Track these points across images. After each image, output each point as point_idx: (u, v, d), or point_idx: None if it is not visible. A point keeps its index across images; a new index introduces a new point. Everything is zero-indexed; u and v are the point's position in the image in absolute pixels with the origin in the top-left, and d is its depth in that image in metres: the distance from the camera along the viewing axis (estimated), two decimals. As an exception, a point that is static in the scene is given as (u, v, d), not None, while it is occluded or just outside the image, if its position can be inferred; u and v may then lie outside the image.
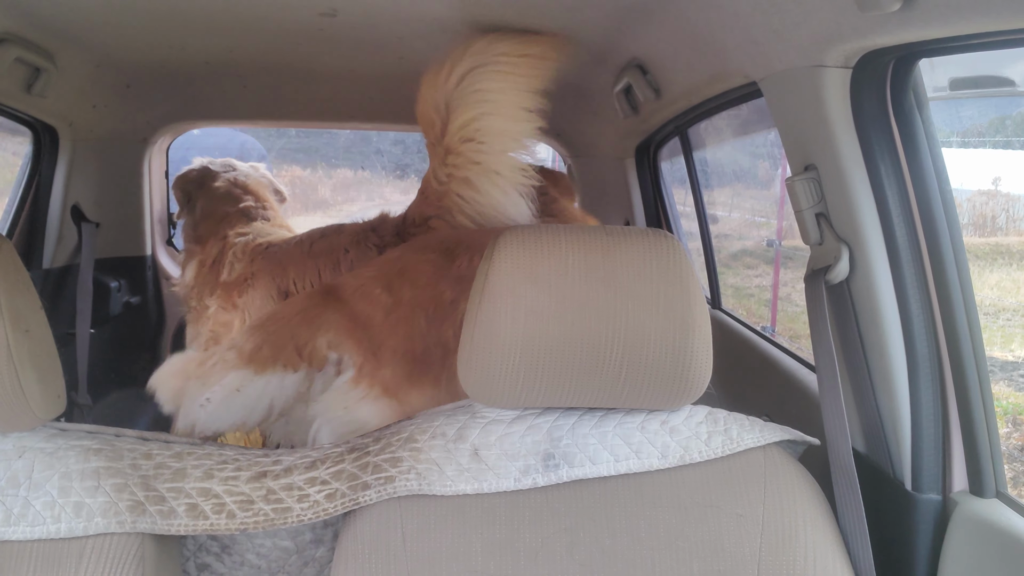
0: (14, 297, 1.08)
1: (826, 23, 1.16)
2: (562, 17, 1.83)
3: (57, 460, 1.13)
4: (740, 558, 1.13)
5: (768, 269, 6.72)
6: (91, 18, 1.92)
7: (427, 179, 2.06)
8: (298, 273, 2.20)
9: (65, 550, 1.08)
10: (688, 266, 1.15)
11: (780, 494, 1.17)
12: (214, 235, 2.50)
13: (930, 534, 1.24)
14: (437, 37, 2.04)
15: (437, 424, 1.22)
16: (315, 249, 2.23)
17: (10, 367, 1.06)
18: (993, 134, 6.05)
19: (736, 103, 1.95)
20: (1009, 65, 1.33)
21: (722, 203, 7.06)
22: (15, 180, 2.51)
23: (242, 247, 2.40)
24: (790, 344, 2.22)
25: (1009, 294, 5.78)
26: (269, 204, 2.66)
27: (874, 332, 1.29)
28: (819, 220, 1.36)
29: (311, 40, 2.11)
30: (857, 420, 1.36)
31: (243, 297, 2.29)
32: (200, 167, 2.75)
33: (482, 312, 1.13)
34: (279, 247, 2.33)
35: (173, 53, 2.27)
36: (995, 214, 6.63)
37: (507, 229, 1.17)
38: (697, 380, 1.16)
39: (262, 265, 2.30)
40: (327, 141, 9.30)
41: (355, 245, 2.18)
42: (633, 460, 1.18)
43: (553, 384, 1.14)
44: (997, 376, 4.73)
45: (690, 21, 1.62)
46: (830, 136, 1.27)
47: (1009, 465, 3.86)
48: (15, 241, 2.44)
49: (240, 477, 1.17)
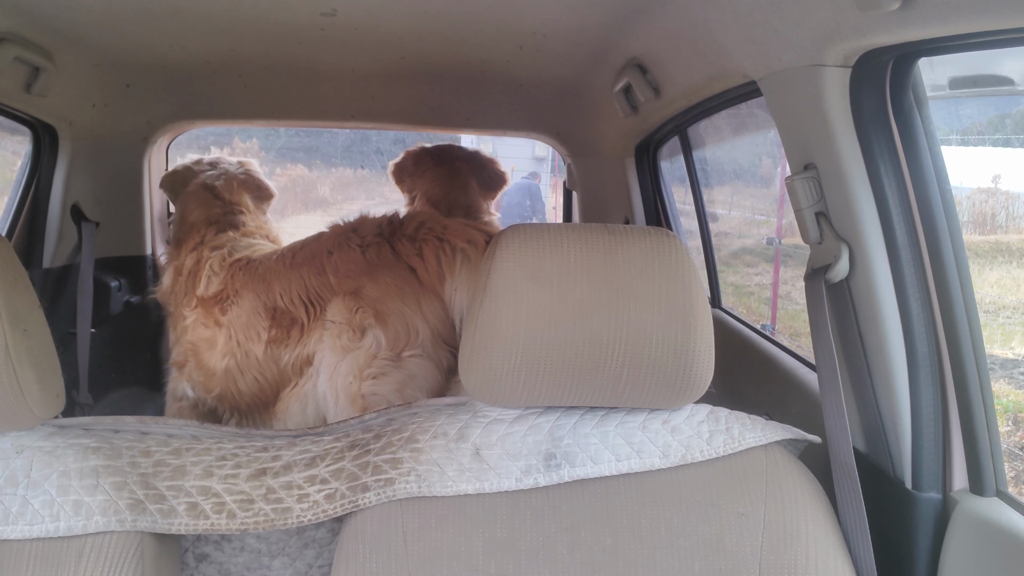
0: (12, 296, 1.08)
1: (825, 22, 1.16)
2: (562, 16, 1.83)
3: (56, 459, 1.13)
4: (742, 557, 1.13)
5: (768, 267, 6.72)
6: (91, 17, 1.92)
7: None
8: (284, 287, 2.20)
9: (64, 549, 1.08)
10: (690, 265, 1.15)
11: (781, 493, 1.17)
12: (187, 241, 2.51)
13: (930, 532, 1.24)
14: (437, 36, 2.04)
15: (439, 424, 1.22)
16: (298, 259, 2.23)
17: (8, 366, 1.06)
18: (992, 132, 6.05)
19: (736, 102, 1.95)
20: (1008, 64, 1.33)
21: (722, 202, 7.06)
22: (15, 179, 2.51)
23: (218, 261, 2.39)
24: (790, 342, 2.22)
25: (1009, 292, 5.78)
26: (243, 207, 2.63)
27: (874, 331, 1.29)
28: (819, 219, 1.36)
29: (311, 39, 2.11)
30: (857, 419, 1.37)
31: (227, 315, 2.30)
32: (184, 166, 2.75)
33: (484, 311, 1.13)
34: (260, 263, 2.33)
35: (173, 52, 2.27)
36: (995, 212, 6.64)
37: (509, 228, 1.17)
38: (699, 379, 1.16)
39: (245, 282, 2.30)
40: (327, 140, 9.30)
41: (338, 247, 2.18)
42: (635, 460, 1.18)
43: (555, 383, 1.14)
44: (997, 374, 4.72)
45: (689, 20, 1.62)
46: (830, 135, 1.27)
47: (1009, 463, 3.86)
48: (15, 241, 2.44)
49: (240, 475, 1.17)
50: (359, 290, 2.09)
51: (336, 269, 2.14)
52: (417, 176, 2.97)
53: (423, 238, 2.11)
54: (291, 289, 2.19)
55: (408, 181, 3.01)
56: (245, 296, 2.27)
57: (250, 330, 2.24)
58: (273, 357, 2.23)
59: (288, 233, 2.73)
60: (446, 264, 2.07)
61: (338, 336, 2.09)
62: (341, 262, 2.15)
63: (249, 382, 2.28)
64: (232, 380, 2.30)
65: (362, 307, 2.07)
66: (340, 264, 2.15)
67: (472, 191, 2.95)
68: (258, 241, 2.54)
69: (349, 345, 2.07)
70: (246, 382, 2.28)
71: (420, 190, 2.94)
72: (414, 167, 2.99)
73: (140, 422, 1.26)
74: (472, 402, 1.26)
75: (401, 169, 3.03)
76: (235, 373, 2.29)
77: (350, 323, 2.08)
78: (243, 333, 2.25)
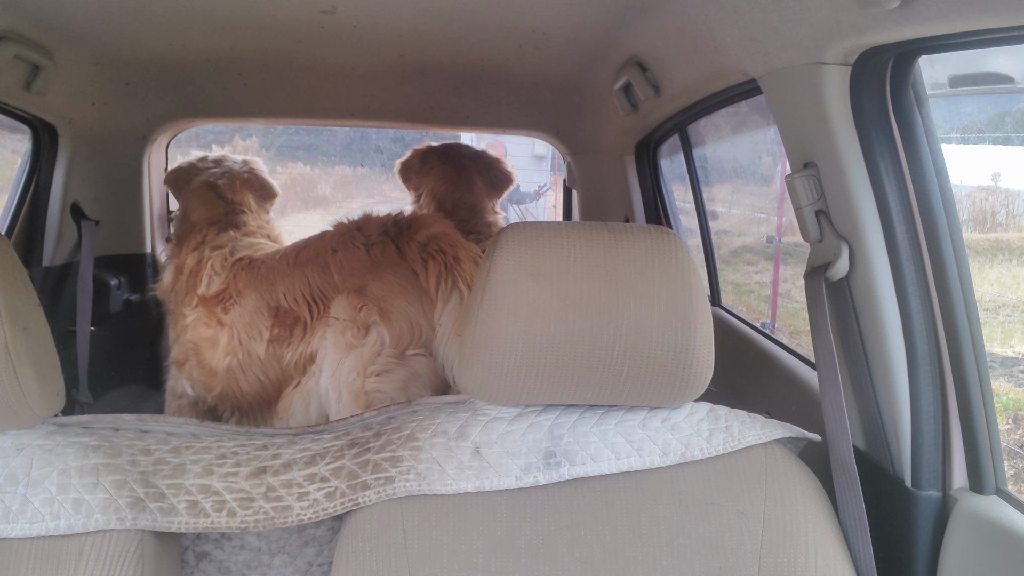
0: (11, 295, 1.08)
1: (825, 20, 1.16)
2: (562, 14, 1.83)
3: (56, 457, 1.13)
4: (741, 555, 1.13)
5: (768, 265, 6.72)
6: (90, 15, 1.91)
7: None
8: (287, 286, 2.20)
9: (64, 547, 1.08)
10: (690, 263, 1.15)
11: (781, 491, 1.17)
12: (188, 240, 2.50)
13: (930, 530, 1.24)
14: (437, 35, 2.04)
15: (438, 422, 1.22)
16: (301, 258, 2.23)
17: (8, 365, 1.06)
18: (992, 130, 6.06)
19: (736, 100, 1.95)
20: (1008, 62, 1.33)
21: (722, 200, 7.06)
22: (15, 178, 2.51)
23: (220, 261, 2.39)
24: (790, 341, 2.22)
25: (1009, 290, 5.78)
26: (246, 206, 2.62)
27: (874, 329, 1.29)
28: (819, 217, 1.36)
29: (311, 37, 2.11)
30: (857, 417, 1.37)
31: (230, 314, 2.29)
32: (188, 163, 2.75)
33: (483, 309, 1.13)
34: (263, 262, 2.32)
35: (173, 51, 2.27)
36: (995, 210, 6.64)
37: (509, 226, 1.17)
38: (699, 377, 1.16)
39: (247, 281, 2.29)
40: (327, 139, 9.31)
41: (342, 245, 2.18)
42: (634, 458, 1.18)
43: (554, 381, 1.14)
44: (997, 372, 4.73)
45: (689, 18, 1.62)
46: (830, 133, 1.27)
47: (1009, 462, 3.86)
48: (15, 239, 2.44)
49: (239, 473, 1.17)
50: (363, 288, 2.09)
51: (340, 267, 2.14)
52: (423, 174, 3.00)
53: (431, 252, 2.10)
54: (295, 288, 2.19)
55: (414, 179, 3.03)
56: (248, 296, 2.27)
57: (253, 329, 2.24)
58: (276, 356, 2.23)
59: (288, 231, 2.72)
60: (442, 293, 2.07)
61: (342, 333, 2.09)
62: (345, 260, 2.15)
63: (251, 381, 2.28)
64: (234, 379, 2.30)
65: (366, 304, 2.07)
66: (344, 262, 2.14)
67: (478, 190, 2.97)
68: (259, 240, 2.54)
69: (353, 342, 2.07)
70: (248, 381, 2.29)
71: (426, 188, 2.96)
72: (420, 165, 3.01)
73: (140, 420, 1.26)
74: (472, 400, 1.26)
75: (408, 167, 3.05)
76: (237, 372, 2.29)
77: (354, 320, 2.08)
78: (245, 332, 2.25)
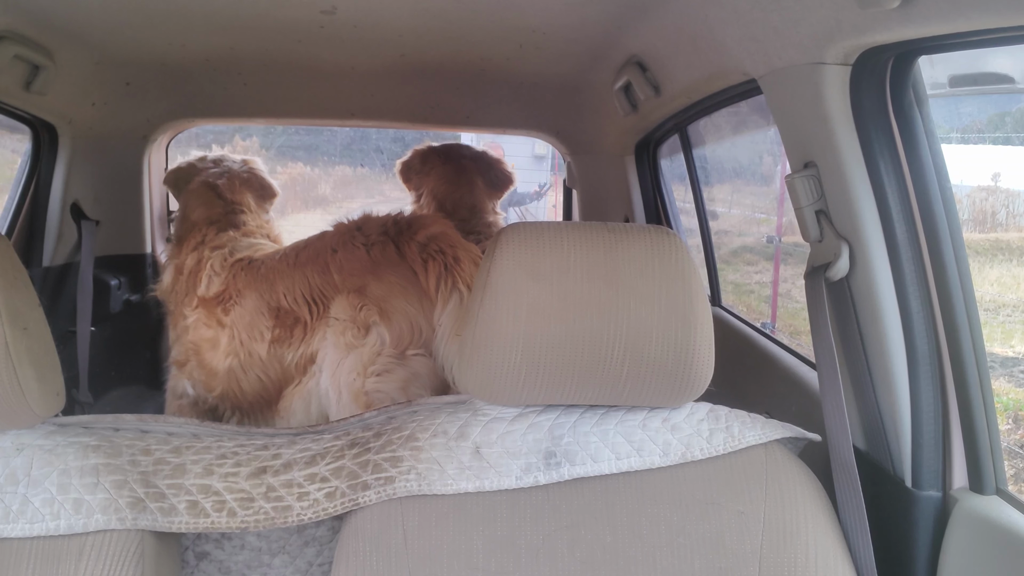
0: (12, 295, 1.08)
1: (826, 20, 1.16)
2: (562, 14, 1.83)
3: (56, 457, 1.13)
4: (741, 555, 1.13)
5: (768, 265, 6.72)
6: (90, 15, 1.91)
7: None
8: (287, 286, 2.20)
9: (65, 547, 1.08)
10: (690, 263, 1.15)
11: (781, 491, 1.17)
12: (188, 240, 2.50)
13: (930, 531, 1.24)
14: (437, 34, 2.04)
15: (438, 422, 1.22)
16: (301, 258, 2.23)
17: (8, 365, 1.06)
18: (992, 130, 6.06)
19: (736, 100, 1.95)
20: (1008, 62, 1.33)
21: (722, 200, 7.06)
22: (15, 178, 2.51)
23: (219, 262, 2.39)
24: (790, 341, 2.22)
25: (1009, 290, 5.78)
26: (245, 206, 2.62)
27: (874, 329, 1.29)
28: (819, 217, 1.36)
29: (311, 37, 2.11)
30: (857, 417, 1.37)
31: (230, 315, 2.29)
32: (188, 163, 2.75)
33: (483, 309, 1.13)
34: (263, 263, 2.32)
35: (173, 51, 2.27)
36: (995, 210, 6.64)
37: (509, 226, 1.17)
38: (699, 377, 1.16)
39: (247, 282, 2.29)
40: (327, 139, 9.31)
41: (342, 245, 2.18)
42: (635, 458, 1.18)
43: (555, 381, 1.14)
44: (997, 372, 4.73)
45: (689, 18, 1.62)
46: (830, 133, 1.27)
47: (1009, 462, 3.86)
48: (15, 239, 2.44)
49: (240, 473, 1.18)
50: (363, 288, 2.09)
51: (340, 267, 2.14)
52: (424, 174, 3.00)
53: (431, 252, 2.10)
54: (295, 288, 2.19)
55: (415, 179, 3.03)
56: (248, 296, 2.27)
57: (253, 330, 2.24)
58: (277, 356, 2.23)
59: (288, 231, 2.72)
60: (442, 294, 2.07)
61: (342, 333, 2.09)
62: (345, 260, 2.14)
63: (252, 381, 2.28)
64: (235, 379, 2.30)
65: (366, 304, 2.07)
66: (344, 262, 2.14)
67: (478, 190, 2.97)
68: (259, 241, 2.54)
69: (353, 342, 2.07)
70: (249, 381, 2.29)
71: (427, 188, 2.96)
72: (421, 165, 3.02)
73: (140, 420, 1.26)
74: (472, 400, 1.26)
75: (408, 167, 3.05)
76: (238, 372, 2.29)
77: (354, 320, 2.08)
78: (246, 333, 2.25)
